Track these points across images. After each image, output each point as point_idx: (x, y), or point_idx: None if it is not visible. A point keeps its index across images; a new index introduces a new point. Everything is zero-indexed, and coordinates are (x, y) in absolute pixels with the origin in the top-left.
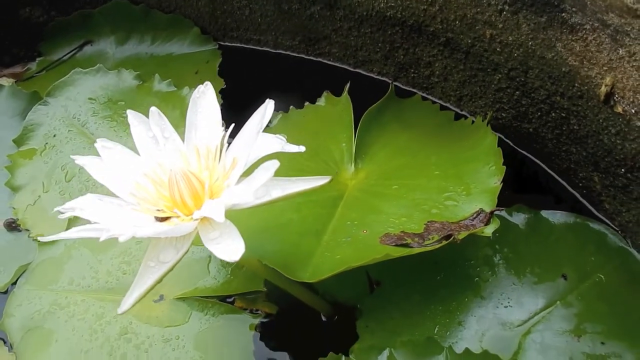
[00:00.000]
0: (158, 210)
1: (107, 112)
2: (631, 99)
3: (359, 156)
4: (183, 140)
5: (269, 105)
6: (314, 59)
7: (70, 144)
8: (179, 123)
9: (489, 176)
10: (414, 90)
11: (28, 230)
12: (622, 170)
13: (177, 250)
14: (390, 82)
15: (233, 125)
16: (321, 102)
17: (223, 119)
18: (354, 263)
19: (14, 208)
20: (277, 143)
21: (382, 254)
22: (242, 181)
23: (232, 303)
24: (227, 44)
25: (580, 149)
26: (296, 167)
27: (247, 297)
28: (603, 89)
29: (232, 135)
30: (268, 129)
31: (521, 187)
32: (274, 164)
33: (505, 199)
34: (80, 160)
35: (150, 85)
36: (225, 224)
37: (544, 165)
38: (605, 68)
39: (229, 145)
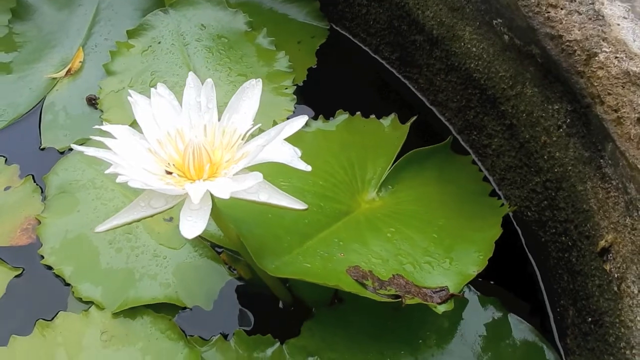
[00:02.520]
0: (169, 164)
1: (209, 42)
2: (619, 264)
3: (385, 185)
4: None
5: (300, 119)
6: (402, 78)
7: (168, 56)
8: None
9: (472, 263)
10: (469, 151)
11: (102, 111)
12: (589, 319)
13: (166, 202)
14: (452, 133)
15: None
16: (386, 121)
17: (299, 94)
18: (311, 278)
19: (100, 88)
20: (289, 156)
21: (335, 282)
22: (239, 176)
23: (219, 253)
24: (337, 28)
25: (570, 280)
26: (326, 169)
27: (233, 255)
28: (602, 243)
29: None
30: (328, 122)
31: (512, 285)
32: (258, 176)
33: (491, 288)
34: (135, 96)
35: (255, 35)
36: (204, 203)
37: (540, 276)
38: (612, 226)
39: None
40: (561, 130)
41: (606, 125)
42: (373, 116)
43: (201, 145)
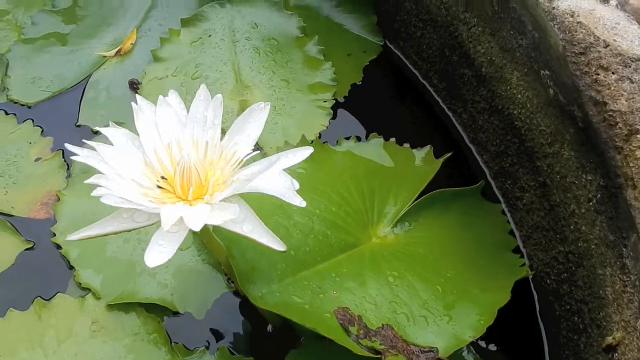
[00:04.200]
0: (161, 177)
1: (258, 42)
2: None
3: (402, 221)
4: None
5: (303, 152)
6: (445, 109)
7: (215, 50)
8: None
9: (470, 327)
10: (500, 199)
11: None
12: None
13: (149, 218)
14: (486, 177)
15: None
16: (420, 152)
17: (337, 109)
18: (292, 315)
19: (144, 72)
20: (283, 188)
21: (314, 324)
22: (224, 204)
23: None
24: (391, 46)
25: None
26: (343, 195)
27: None
28: (609, 339)
29: None
30: (359, 144)
31: (517, 353)
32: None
33: (493, 354)
34: (140, 102)
35: (306, 41)
36: (181, 227)
37: (547, 351)
38: (623, 324)
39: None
40: (591, 203)
41: (634, 213)
42: (407, 145)
43: (192, 164)
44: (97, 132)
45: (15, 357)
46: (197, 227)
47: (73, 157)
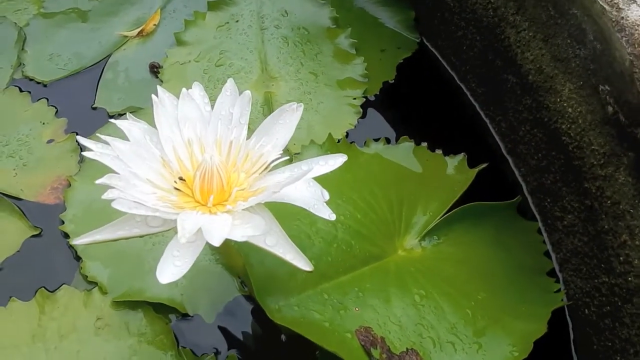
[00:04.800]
0: (179, 178)
1: (287, 31)
2: None
3: (431, 234)
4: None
5: (337, 159)
6: (483, 115)
7: (242, 37)
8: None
9: (501, 359)
10: (537, 217)
11: (161, 81)
12: None
13: (164, 222)
14: (522, 192)
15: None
16: (453, 160)
17: (366, 108)
18: (312, 336)
19: (166, 56)
20: (312, 199)
21: (334, 346)
22: (246, 214)
23: None
24: (427, 44)
25: None
26: (369, 202)
27: None
28: None
29: None
30: (389, 147)
31: None
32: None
33: None
34: (162, 94)
35: (337, 33)
36: (199, 237)
37: None
38: None
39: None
40: None
41: None
42: (440, 151)
43: (215, 168)
44: (113, 116)
45: (15, 351)
46: (216, 243)
47: (85, 153)
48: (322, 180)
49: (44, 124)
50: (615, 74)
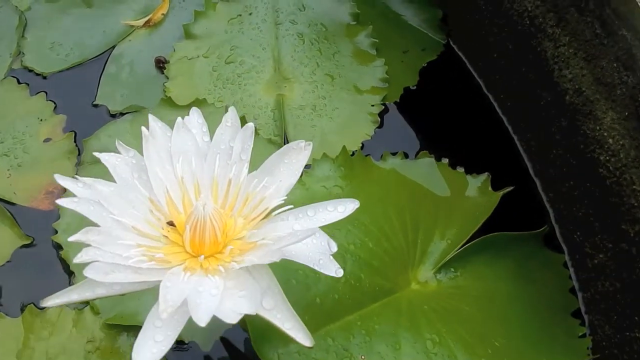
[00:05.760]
0: (169, 223)
1: (303, 27)
2: None
3: (448, 266)
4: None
5: (350, 204)
6: (510, 131)
7: (255, 32)
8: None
9: None
10: (564, 248)
11: (167, 78)
12: None
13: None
14: (549, 220)
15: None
16: (475, 180)
17: (385, 116)
18: None
19: (173, 50)
20: (318, 253)
21: None
22: (241, 274)
23: None
24: (454, 47)
25: None
26: (383, 228)
27: None
28: None
29: None
30: (406, 162)
31: None
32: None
33: None
34: (153, 123)
35: (358, 31)
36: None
37: None
38: None
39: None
40: None
41: None
42: (462, 169)
43: (208, 219)
44: (114, 115)
45: None
46: (202, 323)
47: (58, 201)
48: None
49: (41, 120)
50: None
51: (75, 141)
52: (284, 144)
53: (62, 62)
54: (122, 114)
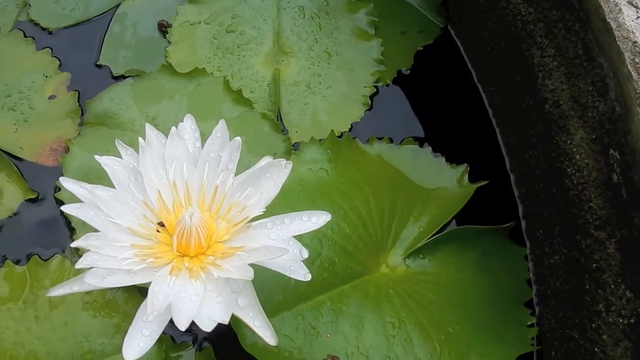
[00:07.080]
0: (158, 223)
1: (305, 0)
2: None
3: (417, 253)
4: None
5: (321, 217)
6: (494, 124)
7: (258, 2)
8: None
9: None
10: (527, 243)
11: (169, 42)
12: None
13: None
14: (518, 215)
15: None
16: (455, 171)
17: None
18: None
19: (177, 13)
20: (288, 262)
21: None
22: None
23: None
24: (451, 31)
25: None
26: (360, 214)
27: None
28: None
29: None
30: (391, 147)
31: None
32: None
33: None
34: (150, 132)
35: (357, 8)
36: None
37: None
38: None
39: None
40: (622, 320)
41: None
42: (443, 158)
43: (194, 228)
44: (116, 77)
45: (8, 314)
46: (182, 327)
47: (62, 208)
48: (319, 180)
49: (46, 77)
50: (628, 147)
51: (78, 100)
52: (277, 120)
53: (67, 17)
54: (123, 77)
